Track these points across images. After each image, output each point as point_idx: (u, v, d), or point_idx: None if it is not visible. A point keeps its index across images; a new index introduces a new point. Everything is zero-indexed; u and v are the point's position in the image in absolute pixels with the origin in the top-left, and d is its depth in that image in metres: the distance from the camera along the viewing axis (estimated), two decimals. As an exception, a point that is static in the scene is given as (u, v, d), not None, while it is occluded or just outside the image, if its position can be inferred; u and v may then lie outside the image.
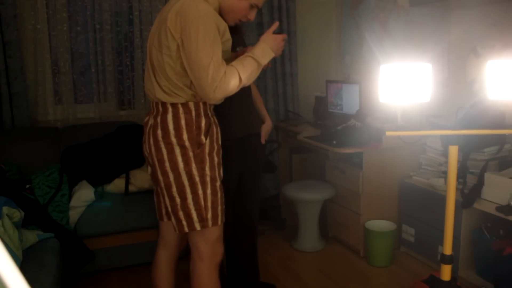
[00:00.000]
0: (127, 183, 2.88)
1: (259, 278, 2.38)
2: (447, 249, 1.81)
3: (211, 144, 1.67)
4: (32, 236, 2.18)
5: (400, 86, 1.59)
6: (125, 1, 3.39)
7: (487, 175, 2.34)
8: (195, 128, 1.63)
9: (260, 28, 3.65)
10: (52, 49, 3.29)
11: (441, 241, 1.94)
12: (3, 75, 3.03)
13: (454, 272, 1.94)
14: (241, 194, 2.18)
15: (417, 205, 2.77)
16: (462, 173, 2.41)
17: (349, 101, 3.29)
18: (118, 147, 2.94)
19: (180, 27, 1.55)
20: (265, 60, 1.67)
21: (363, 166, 2.84)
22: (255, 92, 2.31)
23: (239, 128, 2.08)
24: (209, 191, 1.65)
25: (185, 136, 1.62)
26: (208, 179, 1.65)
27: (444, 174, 2.70)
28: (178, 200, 1.66)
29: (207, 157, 1.65)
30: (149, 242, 2.78)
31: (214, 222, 1.68)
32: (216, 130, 1.72)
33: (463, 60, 2.73)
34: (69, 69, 3.30)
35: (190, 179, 1.63)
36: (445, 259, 1.81)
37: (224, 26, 1.63)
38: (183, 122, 1.63)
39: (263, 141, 2.18)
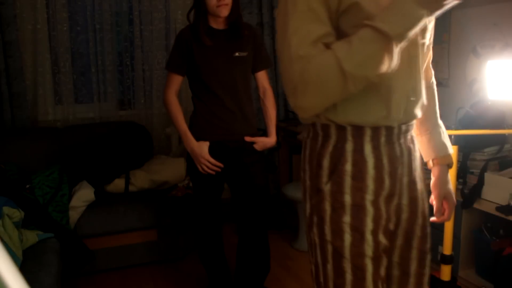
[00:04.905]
0: (127, 183, 2.88)
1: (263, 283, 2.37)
2: (447, 249, 1.81)
3: (338, 194, 1.02)
4: (32, 236, 2.18)
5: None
6: (125, 1, 3.39)
7: (487, 175, 2.33)
8: (316, 164, 1.05)
9: (260, 29, 3.64)
10: (52, 49, 3.29)
11: (441, 241, 1.94)
12: (3, 75, 3.03)
13: (454, 272, 1.94)
14: (242, 199, 2.15)
15: (417, 205, 2.77)
16: (462, 173, 2.41)
17: (349, 101, 3.28)
18: (118, 147, 2.93)
19: None
20: (398, 27, 0.86)
21: (363, 166, 2.83)
22: (270, 104, 2.15)
23: (212, 132, 2.02)
24: (329, 266, 1.03)
25: (307, 173, 1.09)
26: (329, 247, 1.03)
27: (444, 174, 2.69)
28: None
29: (327, 213, 1.03)
30: (149, 242, 2.78)
31: None
32: (357, 174, 1.01)
33: (463, 60, 2.73)
34: (69, 69, 3.30)
35: (310, 238, 1.09)
36: (445, 259, 1.81)
37: None
38: (307, 152, 1.09)
39: (256, 146, 2.07)
